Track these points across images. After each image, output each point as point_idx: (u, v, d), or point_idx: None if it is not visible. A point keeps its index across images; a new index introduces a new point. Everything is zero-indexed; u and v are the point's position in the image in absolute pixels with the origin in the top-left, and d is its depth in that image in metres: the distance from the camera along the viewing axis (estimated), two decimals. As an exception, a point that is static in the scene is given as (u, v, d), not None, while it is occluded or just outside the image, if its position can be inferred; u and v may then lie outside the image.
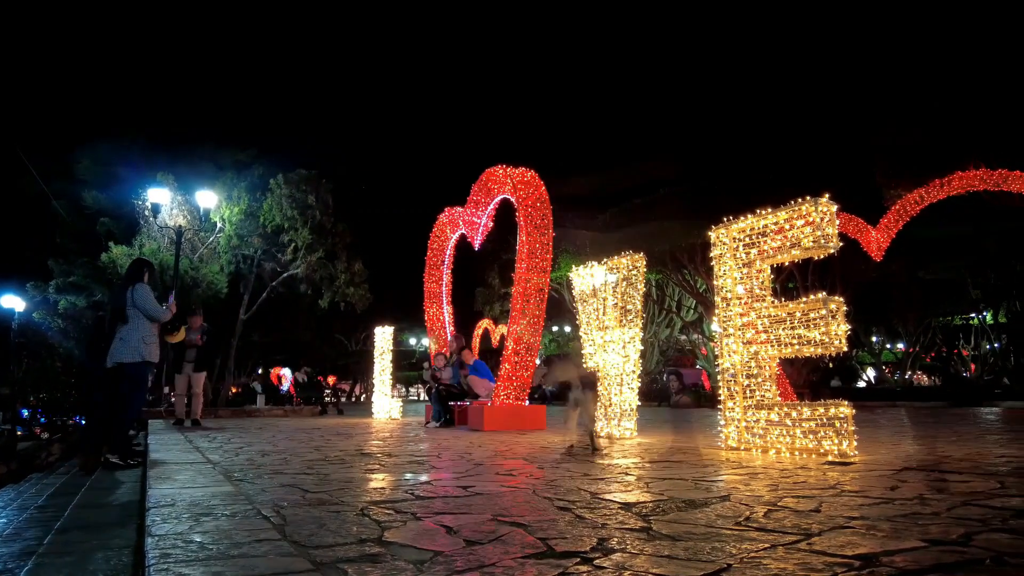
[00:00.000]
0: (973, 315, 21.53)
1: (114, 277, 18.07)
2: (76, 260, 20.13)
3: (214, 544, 1.86)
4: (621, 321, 6.14)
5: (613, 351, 6.20)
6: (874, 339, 23.77)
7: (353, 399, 29.25)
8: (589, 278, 6.56)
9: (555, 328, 29.21)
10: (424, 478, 3.39)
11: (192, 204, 18.31)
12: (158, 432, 7.65)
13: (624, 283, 6.15)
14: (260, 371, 25.74)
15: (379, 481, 3.30)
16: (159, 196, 16.28)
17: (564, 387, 6.33)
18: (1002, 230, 16.35)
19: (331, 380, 24.77)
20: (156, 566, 1.63)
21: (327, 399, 17.23)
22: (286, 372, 23.59)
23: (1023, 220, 14.48)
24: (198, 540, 1.91)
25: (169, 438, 6.60)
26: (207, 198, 16.33)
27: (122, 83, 37.00)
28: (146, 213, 18.96)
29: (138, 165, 19.58)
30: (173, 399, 10.23)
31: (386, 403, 11.41)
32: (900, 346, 23.91)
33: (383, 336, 11.56)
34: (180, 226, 15.91)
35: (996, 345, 21.09)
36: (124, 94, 35.86)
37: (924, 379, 26.59)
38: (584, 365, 6.43)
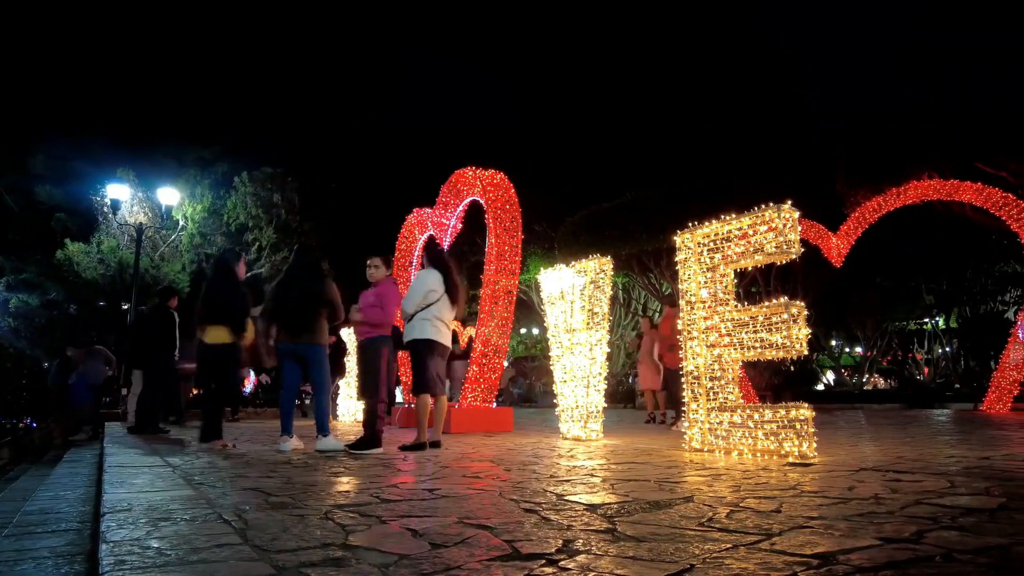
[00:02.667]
0: (927, 320, 22.29)
1: (70, 275, 17.53)
2: (29, 257, 19.48)
3: (172, 550, 1.81)
4: (588, 323, 6.18)
5: (580, 353, 6.24)
6: (833, 343, 24.39)
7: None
8: (557, 281, 6.60)
9: (523, 330, 29.26)
10: (390, 481, 3.36)
11: (153, 201, 17.88)
12: (114, 435, 7.43)
13: (591, 286, 6.20)
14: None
15: (344, 484, 3.26)
16: (119, 192, 15.82)
17: None
18: (953, 238, 16.97)
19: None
20: (111, 573, 1.59)
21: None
22: (249, 374, 23.13)
23: (973, 228, 15.04)
24: (155, 546, 1.86)
25: (126, 441, 6.42)
26: (169, 195, 15.93)
27: (81, 75, 35.88)
28: (105, 210, 18.43)
29: (97, 160, 19.02)
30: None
31: (351, 405, 11.28)
32: (858, 350, 24.56)
33: (349, 338, 11.42)
34: (141, 223, 15.52)
35: (948, 349, 21.87)
36: (83, 87, 34.77)
37: (880, 382, 27.39)
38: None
